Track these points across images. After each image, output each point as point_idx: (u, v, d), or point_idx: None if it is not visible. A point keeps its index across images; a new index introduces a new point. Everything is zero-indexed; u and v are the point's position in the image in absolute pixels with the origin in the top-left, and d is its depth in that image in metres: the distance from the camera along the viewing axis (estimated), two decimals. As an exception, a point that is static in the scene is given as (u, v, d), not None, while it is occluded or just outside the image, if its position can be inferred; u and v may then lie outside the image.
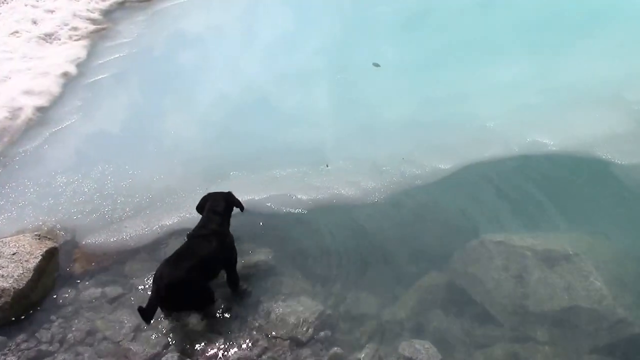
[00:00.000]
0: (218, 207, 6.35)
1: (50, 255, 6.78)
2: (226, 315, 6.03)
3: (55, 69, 11.20)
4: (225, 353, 5.65)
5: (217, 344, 5.72)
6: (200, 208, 6.47)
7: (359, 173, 7.96)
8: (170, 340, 5.81)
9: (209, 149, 8.76)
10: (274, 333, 5.83)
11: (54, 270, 6.77)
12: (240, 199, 6.86)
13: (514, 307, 5.92)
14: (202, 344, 5.74)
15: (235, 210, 6.65)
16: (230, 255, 6.24)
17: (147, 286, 6.41)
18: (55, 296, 6.44)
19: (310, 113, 9.48)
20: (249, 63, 11.44)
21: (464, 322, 5.95)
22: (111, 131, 9.45)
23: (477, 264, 6.39)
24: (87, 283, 6.60)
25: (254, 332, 5.88)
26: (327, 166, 8.14)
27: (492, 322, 5.91)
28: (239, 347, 5.71)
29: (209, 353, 5.65)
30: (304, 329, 5.84)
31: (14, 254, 6.55)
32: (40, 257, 6.59)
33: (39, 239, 6.94)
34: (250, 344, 5.75)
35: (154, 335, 5.87)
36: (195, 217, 6.58)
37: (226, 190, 6.71)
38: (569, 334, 5.67)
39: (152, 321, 5.55)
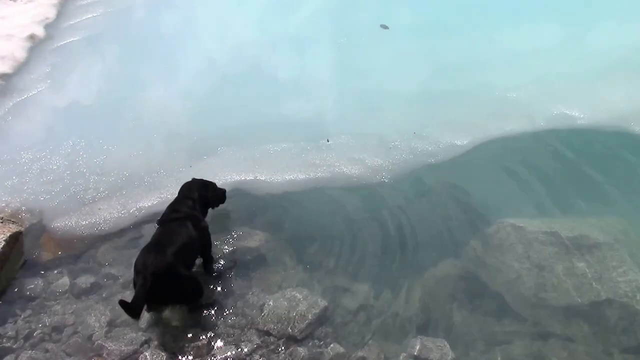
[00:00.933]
0: (191, 193, 6.33)
1: (14, 241, 6.73)
2: (212, 308, 5.96)
3: (20, 31, 11.11)
4: (212, 351, 5.59)
5: (202, 341, 5.66)
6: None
7: (364, 149, 7.94)
8: (149, 336, 5.75)
9: (193, 122, 8.70)
10: (266, 329, 5.78)
11: (18, 257, 6.70)
12: (229, 177, 6.84)
13: (537, 300, 5.90)
14: (185, 340, 5.67)
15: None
16: (206, 240, 6.23)
17: (123, 275, 6.37)
18: (19, 287, 6.36)
19: (308, 82, 9.44)
20: (239, 26, 11.39)
21: (480, 317, 5.92)
22: (83, 102, 9.37)
23: (495, 251, 6.37)
24: (55, 272, 6.53)
25: (244, 328, 5.82)
26: (328, 141, 8.10)
27: (512, 316, 5.88)
28: (227, 344, 5.65)
29: (193, 351, 5.58)
30: (301, 325, 5.78)
31: (-28, 239, 6.53)
32: (3, 243, 6.53)
33: (1, 222, 6.90)
34: (239, 341, 5.68)
35: (130, 331, 5.81)
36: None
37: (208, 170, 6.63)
38: (599, 330, 5.64)
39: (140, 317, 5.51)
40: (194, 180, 6.53)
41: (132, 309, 5.18)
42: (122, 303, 5.15)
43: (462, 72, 9.29)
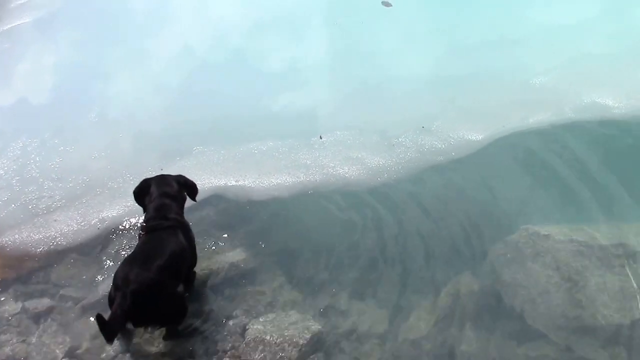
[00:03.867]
0: (171, 189, 6.23)
1: (-49, 259, 6.75)
2: (188, 334, 5.95)
3: (-42, 11, 11.14)
4: (187, 384, 5.63)
5: (175, 372, 5.69)
6: (140, 195, 6.30)
7: (363, 147, 7.99)
8: (113, 367, 5.78)
9: (165, 118, 8.79)
10: (251, 357, 5.77)
11: (-43, 278, 6.71)
12: (206, 181, 6.88)
13: (567, 320, 5.88)
14: (156, 372, 5.70)
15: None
16: (195, 253, 6.24)
17: (83, 297, 6.39)
18: (-42, 314, 6.38)
19: (299, 70, 9.52)
20: (220, 5, 11.42)
21: (500, 340, 5.90)
22: (35, 95, 9.41)
23: (518, 264, 6.37)
24: (2, 298, 6.53)
25: (225, 357, 5.83)
26: (321, 138, 8.18)
27: (537, 339, 5.85)
28: (205, 376, 5.69)
29: (165, 384, 5.62)
30: (291, 352, 5.78)
31: None
32: (-63, 262, 6.58)
33: None
34: (219, 372, 5.72)
35: (92, 362, 5.83)
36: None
37: (181, 173, 6.57)
38: (640, 354, 5.68)
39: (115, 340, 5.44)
40: (160, 175, 6.41)
41: (108, 330, 5.13)
42: (99, 319, 5.08)
43: (478, 54, 9.35)
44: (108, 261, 6.63)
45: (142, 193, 6.25)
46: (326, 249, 6.82)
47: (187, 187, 6.43)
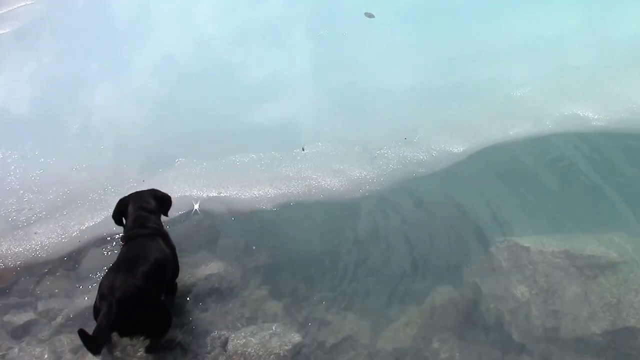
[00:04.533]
0: (148, 204, 6.22)
1: None
2: (170, 347, 5.95)
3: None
4: (169, 398, 5.63)
5: (157, 385, 5.68)
6: (119, 214, 6.24)
7: (345, 158, 8.01)
8: (95, 381, 5.75)
9: (147, 130, 8.77)
10: (232, 369, 5.82)
11: None
12: (188, 193, 6.85)
13: (545, 330, 5.95)
14: (138, 384, 5.69)
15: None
16: (177, 261, 6.22)
17: (64, 311, 6.36)
18: (-63, 327, 6.34)
19: (281, 82, 9.53)
20: (202, 16, 11.44)
21: (480, 351, 5.94)
22: (15, 106, 9.41)
23: (497, 276, 6.44)
24: (-19, 310, 6.50)
25: (207, 369, 5.86)
26: (304, 150, 8.19)
27: (516, 350, 5.90)
28: (187, 389, 5.69)
29: (147, 397, 5.61)
30: (272, 364, 5.84)
31: None
32: None
33: None
34: (201, 385, 5.72)
35: (73, 375, 5.80)
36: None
37: (163, 185, 6.59)
38: (617, 364, 5.72)
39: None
40: (135, 192, 6.39)
41: (92, 343, 5.04)
42: (82, 334, 5.00)
43: (459, 66, 9.40)
44: (89, 274, 6.60)
45: (121, 213, 6.22)
46: (308, 261, 6.82)
47: (162, 200, 6.43)
